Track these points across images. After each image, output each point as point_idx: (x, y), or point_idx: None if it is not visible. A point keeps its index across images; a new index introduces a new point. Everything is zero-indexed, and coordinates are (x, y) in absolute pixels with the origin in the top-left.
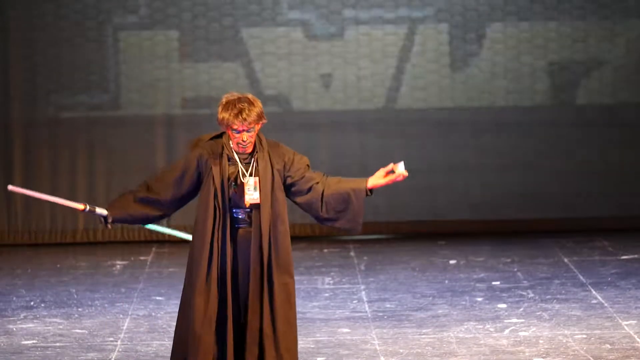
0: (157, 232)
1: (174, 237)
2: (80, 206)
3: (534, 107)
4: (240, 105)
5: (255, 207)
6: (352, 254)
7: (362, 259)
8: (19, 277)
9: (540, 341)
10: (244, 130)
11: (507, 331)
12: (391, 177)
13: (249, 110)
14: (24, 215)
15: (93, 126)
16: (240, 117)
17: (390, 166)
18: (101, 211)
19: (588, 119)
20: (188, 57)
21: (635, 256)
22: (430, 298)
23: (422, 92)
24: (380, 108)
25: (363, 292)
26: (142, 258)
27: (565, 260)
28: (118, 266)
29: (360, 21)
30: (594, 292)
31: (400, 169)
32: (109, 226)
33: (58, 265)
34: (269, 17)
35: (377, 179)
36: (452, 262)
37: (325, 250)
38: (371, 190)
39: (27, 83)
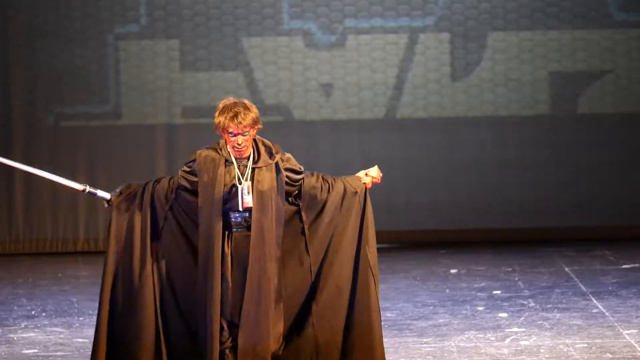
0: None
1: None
2: (79, 187)
3: (535, 116)
4: (236, 109)
5: (251, 210)
6: None
7: None
8: (20, 287)
9: (542, 350)
10: (239, 134)
11: (508, 340)
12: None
13: (244, 114)
14: (25, 224)
15: (93, 135)
16: (235, 120)
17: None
18: (103, 195)
19: (589, 129)
20: (189, 66)
21: (636, 265)
22: (431, 307)
23: (423, 102)
24: (381, 117)
25: None
26: None
27: (566, 269)
28: None
29: (361, 30)
30: (594, 301)
31: (373, 173)
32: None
33: (59, 275)
34: (269, 26)
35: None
36: (453, 271)
37: None
38: None
39: (27, 92)
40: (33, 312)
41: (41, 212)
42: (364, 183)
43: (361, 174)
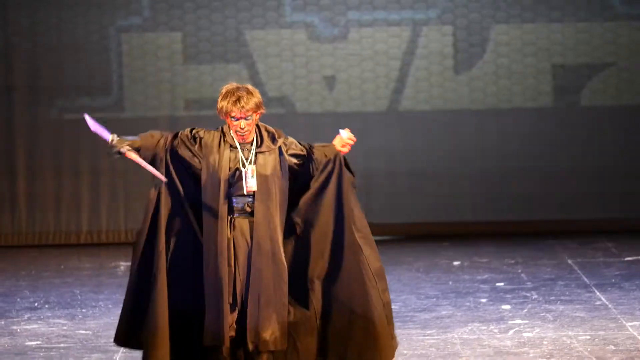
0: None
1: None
2: (109, 137)
3: (537, 109)
4: (238, 94)
5: (254, 195)
6: None
7: None
8: (23, 279)
9: (545, 342)
10: (241, 118)
11: (511, 332)
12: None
13: (247, 98)
14: (28, 216)
15: None
16: (238, 104)
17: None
18: (120, 146)
19: (592, 121)
20: (191, 58)
21: (639, 257)
22: (434, 299)
23: (425, 94)
24: (383, 110)
25: None
26: None
27: (569, 261)
28: (122, 267)
29: (363, 23)
30: (597, 294)
31: (344, 135)
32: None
33: (62, 267)
34: (272, 19)
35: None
36: (456, 263)
37: None
38: None
39: (30, 85)
40: (36, 304)
41: (44, 205)
42: (339, 151)
43: (337, 141)
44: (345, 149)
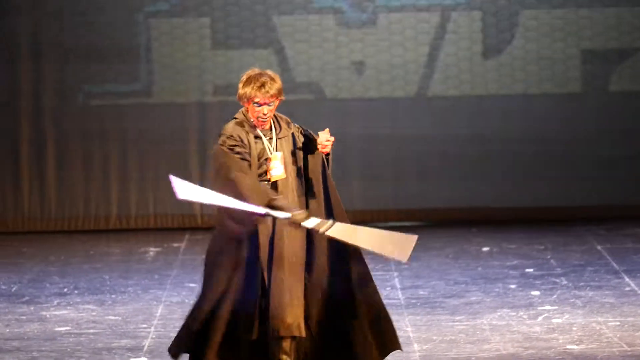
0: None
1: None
2: (261, 211)
3: (566, 94)
4: (262, 79)
5: (279, 182)
6: None
7: None
8: (52, 264)
9: (574, 328)
10: (264, 104)
11: (540, 318)
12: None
13: (270, 84)
14: (57, 202)
15: (125, 114)
16: (262, 89)
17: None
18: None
19: (621, 106)
20: (220, 44)
21: None
22: (464, 285)
23: (454, 80)
24: (412, 95)
25: (396, 279)
26: (175, 245)
27: (599, 247)
28: (151, 253)
29: (392, 9)
30: (627, 280)
31: (322, 137)
32: None
33: (91, 252)
34: (301, 4)
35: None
36: (485, 249)
37: None
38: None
39: (58, 71)
40: (65, 290)
41: (73, 190)
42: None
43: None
44: (325, 150)
